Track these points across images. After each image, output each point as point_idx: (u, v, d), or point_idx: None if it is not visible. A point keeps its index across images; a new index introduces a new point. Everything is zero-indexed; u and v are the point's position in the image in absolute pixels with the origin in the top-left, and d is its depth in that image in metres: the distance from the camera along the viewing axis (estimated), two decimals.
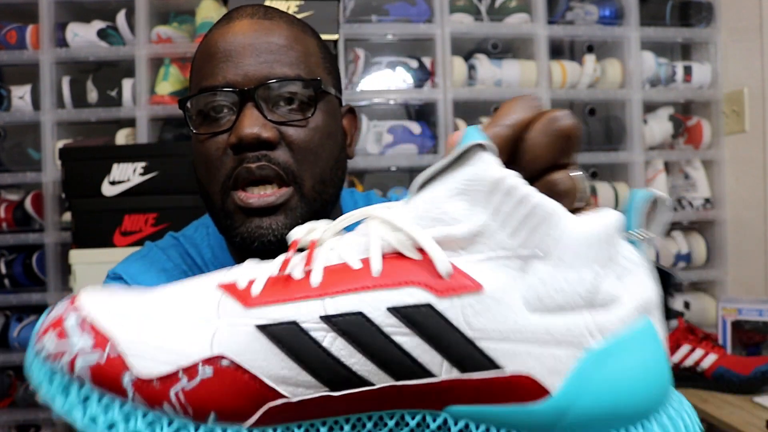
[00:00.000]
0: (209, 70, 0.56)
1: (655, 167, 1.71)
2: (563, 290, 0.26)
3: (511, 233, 0.25)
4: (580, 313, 0.26)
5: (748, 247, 1.64)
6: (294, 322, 0.25)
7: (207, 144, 0.56)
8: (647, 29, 1.67)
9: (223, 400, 0.25)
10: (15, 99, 1.54)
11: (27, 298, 1.50)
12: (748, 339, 1.30)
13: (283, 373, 0.25)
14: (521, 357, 0.25)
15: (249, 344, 0.25)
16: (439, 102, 1.56)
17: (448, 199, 0.26)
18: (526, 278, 0.26)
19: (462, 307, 0.25)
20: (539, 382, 0.25)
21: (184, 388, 0.25)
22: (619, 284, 0.27)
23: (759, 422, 1.02)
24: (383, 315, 0.25)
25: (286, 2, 1.32)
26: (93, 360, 0.25)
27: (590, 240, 0.26)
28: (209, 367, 0.25)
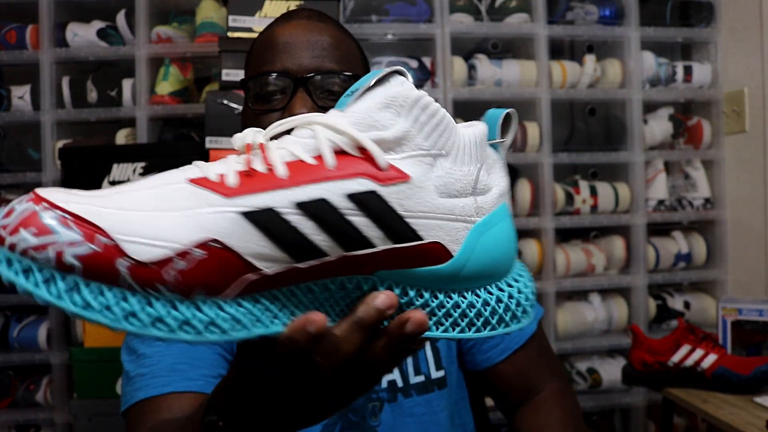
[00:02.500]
0: (270, 58, 0.68)
1: (655, 167, 1.71)
2: (459, 180, 0.35)
3: (425, 137, 0.34)
4: (469, 197, 0.35)
5: (749, 247, 1.64)
6: (271, 208, 0.30)
7: (261, 118, 0.67)
8: (647, 29, 1.66)
9: (210, 277, 0.29)
10: (15, 99, 1.54)
11: (27, 298, 1.49)
12: (748, 339, 1.29)
13: (261, 251, 0.30)
14: (435, 230, 0.34)
15: (234, 228, 0.30)
16: (439, 102, 1.56)
17: (378, 110, 0.33)
18: (435, 171, 0.34)
19: (397, 193, 0.33)
20: (447, 248, 0.34)
21: (178, 269, 0.29)
22: (489, 177, 0.37)
23: (759, 422, 1.02)
24: (342, 200, 0.32)
25: (286, 2, 1.32)
26: (85, 250, 0.27)
27: (474, 143, 0.36)
28: (202, 249, 0.29)
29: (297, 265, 0.31)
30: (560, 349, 1.61)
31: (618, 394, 1.64)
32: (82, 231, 0.28)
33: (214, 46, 1.33)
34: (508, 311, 0.37)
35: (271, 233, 0.30)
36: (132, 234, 0.28)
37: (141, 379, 0.65)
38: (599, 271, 1.67)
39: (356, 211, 0.32)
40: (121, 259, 0.28)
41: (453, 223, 0.34)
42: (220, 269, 0.30)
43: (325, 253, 0.32)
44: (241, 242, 0.30)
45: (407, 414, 0.75)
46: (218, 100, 1.27)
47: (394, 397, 0.75)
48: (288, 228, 0.31)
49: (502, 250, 0.37)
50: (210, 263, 0.29)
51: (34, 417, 1.50)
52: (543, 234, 1.61)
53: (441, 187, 0.34)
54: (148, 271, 0.28)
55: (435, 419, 0.76)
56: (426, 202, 0.33)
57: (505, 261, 0.37)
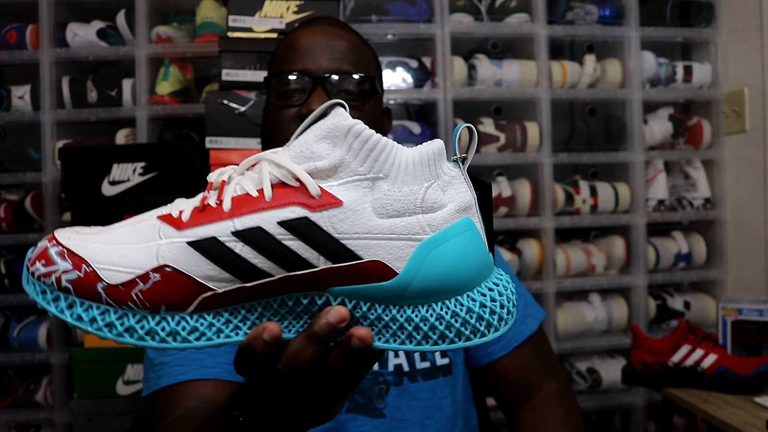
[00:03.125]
0: (292, 58, 0.75)
1: (655, 167, 1.71)
2: (399, 200, 0.36)
3: (360, 163, 0.36)
4: (415, 215, 0.37)
5: (749, 247, 1.64)
6: (213, 237, 0.36)
7: (281, 112, 0.74)
8: (647, 29, 1.66)
9: (170, 296, 0.36)
10: (15, 99, 1.54)
11: (27, 298, 1.50)
12: (748, 339, 1.29)
13: (210, 273, 0.36)
14: (374, 249, 0.36)
15: (183, 255, 0.36)
16: (439, 102, 1.56)
17: (315, 142, 0.37)
18: (373, 194, 0.36)
19: (329, 217, 0.36)
20: (389, 266, 0.36)
21: (141, 290, 0.36)
22: (442, 193, 0.38)
23: (759, 422, 1.02)
24: (275, 227, 0.36)
25: (286, 2, 1.32)
26: (74, 276, 0.36)
27: (416, 163, 0.37)
28: (157, 273, 0.36)
29: (245, 285, 0.36)
30: (560, 349, 1.61)
31: (618, 394, 1.64)
32: (72, 261, 0.36)
33: (214, 46, 1.33)
34: (480, 321, 0.38)
35: (215, 258, 0.36)
36: (106, 263, 0.36)
37: (163, 367, 0.70)
38: (599, 271, 1.67)
39: (289, 235, 0.36)
40: (99, 282, 0.36)
41: (395, 242, 0.36)
42: (177, 289, 0.36)
43: (268, 274, 0.36)
44: (191, 266, 0.36)
45: (412, 398, 0.77)
46: (218, 100, 1.27)
47: (400, 381, 0.77)
48: (229, 253, 0.36)
49: (461, 263, 0.37)
50: (166, 284, 0.36)
51: (34, 417, 1.50)
52: (543, 234, 1.61)
53: (379, 208, 0.36)
54: (119, 291, 0.36)
55: (439, 405, 0.78)
56: (362, 224, 0.36)
57: (465, 273, 0.37)
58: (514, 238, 1.66)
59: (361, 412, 0.75)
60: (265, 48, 1.29)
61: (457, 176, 0.38)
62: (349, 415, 0.75)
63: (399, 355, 0.78)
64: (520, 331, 0.83)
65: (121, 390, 1.29)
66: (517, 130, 1.61)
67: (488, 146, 1.61)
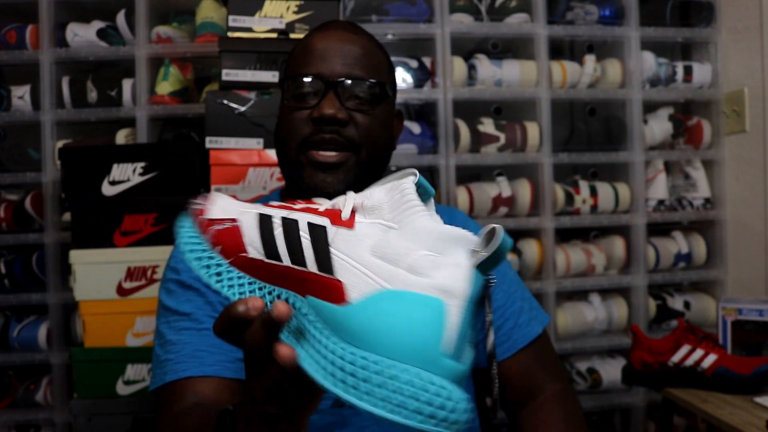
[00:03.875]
0: (306, 62, 0.78)
1: (655, 167, 1.71)
2: (394, 251, 0.40)
3: (390, 212, 0.43)
4: (397, 267, 0.39)
5: (748, 247, 1.64)
6: (270, 215, 0.46)
7: (294, 114, 0.78)
8: (647, 29, 1.66)
9: (226, 242, 0.45)
10: (15, 99, 1.54)
11: (27, 298, 1.50)
12: (748, 339, 1.29)
13: (253, 240, 0.45)
14: (346, 272, 0.40)
15: (251, 221, 0.46)
16: (439, 102, 1.56)
17: (378, 189, 0.45)
18: (383, 236, 0.41)
19: (336, 233, 0.43)
20: (345, 290, 0.40)
21: (216, 228, 0.46)
22: (434, 268, 0.39)
23: (759, 422, 1.02)
24: (304, 225, 0.44)
25: (286, 2, 1.32)
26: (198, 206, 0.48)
27: (429, 233, 0.40)
28: (229, 223, 0.46)
29: (264, 260, 0.44)
30: (560, 349, 1.61)
31: (618, 394, 1.64)
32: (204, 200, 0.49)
33: (214, 46, 1.33)
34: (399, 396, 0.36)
35: (261, 229, 0.45)
36: (216, 205, 0.48)
37: (168, 363, 0.74)
38: (599, 271, 1.67)
39: (307, 235, 0.43)
40: (203, 215, 0.47)
41: (365, 276, 0.40)
42: (231, 240, 0.45)
43: (280, 258, 0.44)
44: (248, 230, 0.45)
45: None
46: (218, 100, 1.27)
47: None
48: (270, 231, 0.45)
49: (403, 330, 0.37)
50: (228, 233, 0.46)
51: (34, 417, 1.51)
52: (543, 234, 1.61)
53: (377, 248, 0.41)
54: (207, 222, 0.47)
55: None
56: (356, 251, 0.41)
57: (403, 342, 0.36)
58: (514, 238, 1.66)
59: None
60: (265, 48, 1.29)
61: (461, 266, 0.39)
62: (352, 410, 0.76)
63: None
64: (525, 333, 0.83)
65: (121, 390, 1.29)
66: (517, 130, 1.61)
67: (488, 146, 1.61)
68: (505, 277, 0.87)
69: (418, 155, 1.56)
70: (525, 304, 0.86)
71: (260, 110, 1.27)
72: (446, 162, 1.56)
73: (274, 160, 1.25)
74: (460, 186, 1.60)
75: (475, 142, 1.60)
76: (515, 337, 0.82)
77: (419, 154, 1.57)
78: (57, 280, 1.50)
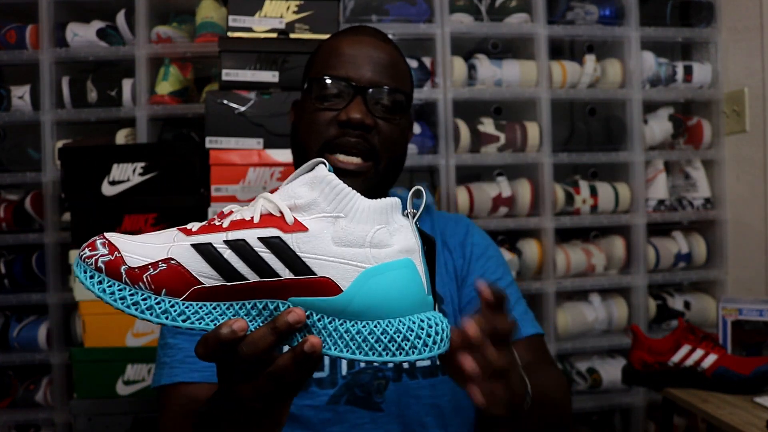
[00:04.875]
0: (335, 64, 0.79)
1: (656, 167, 1.71)
2: (353, 234, 0.46)
3: (327, 204, 0.47)
4: (363, 248, 0.46)
5: (749, 247, 1.64)
6: (210, 243, 0.47)
7: (318, 114, 0.78)
8: (647, 29, 1.66)
9: (170, 283, 0.46)
10: (15, 99, 1.54)
11: (27, 298, 1.50)
12: (748, 339, 1.29)
13: (202, 270, 0.46)
14: (326, 269, 0.46)
15: (186, 253, 0.46)
16: (439, 102, 1.56)
17: (299, 187, 0.48)
18: (334, 227, 0.46)
19: (296, 239, 0.46)
20: (337, 284, 0.45)
21: (150, 274, 0.46)
22: (390, 236, 0.47)
23: (759, 422, 1.02)
24: (255, 241, 0.46)
25: (286, 2, 1.32)
26: (107, 259, 0.46)
27: (371, 210, 0.47)
28: (164, 264, 0.46)
29: (226, 283, 0.46)
30: (560, 349, 1.61)
31: (618, 394, 1.64)
32: (108, 249, 0.47)
33: (214, 46, 1.33)
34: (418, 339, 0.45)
35: (207, 258, 0.46)
36: (131, 252, 0.47)
37: (164, 366, 0.78)
38: (599, 271, 1.67)
39: (264, 249, 0.46)
40: (123, 265, 0.46)
41: (344, 265, 0.46)
42: (176, 278, 0.46)
43: (245, 277, 0.46)
44: (189, 262, 0.46)
45: (411, 395, 0.78)
46: (218, 100, 1.27)
47: (399, 377, 0.79)
48: (219, 256, 0.46)
49: (397, 292, 0.46)
50: (169, 273, 0.46)
51: (34, 417, 1.51)
52: (543, 234, 1.61)
53: (336, 238, 0.46)
54: (135, 273, 0.46)
55: (438, 403, 0.80)
56: (320, 248, 0.46)
57: (400, 301, 0.46)
58: (514, 238, 1.66)
59: (360, 404, 0.78)
60: (265, 48, 1.29)
61: (405, 226, 0.48)
62: (348, 407, 0.77)
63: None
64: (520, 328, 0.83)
65: (121, 390, 1.29)
66: (517, 130, 1.61)
67: (488, 146, 1.61)
68: (501, 280, 0.87)
69: (418, 155, 1.56)
70: (519, 307, 0.87)
71: (260, 110, 1.27)
72: (446, 162, 1.56)
73: (274, 160, 1.25)
74: (460, 186, 1.59)
75: (475, 142, 1.60)
76: None
77: (419, 154, 1.57)
78: (57, 280, 1.50)
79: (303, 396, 0.77)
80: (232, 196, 1.25)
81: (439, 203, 1.56)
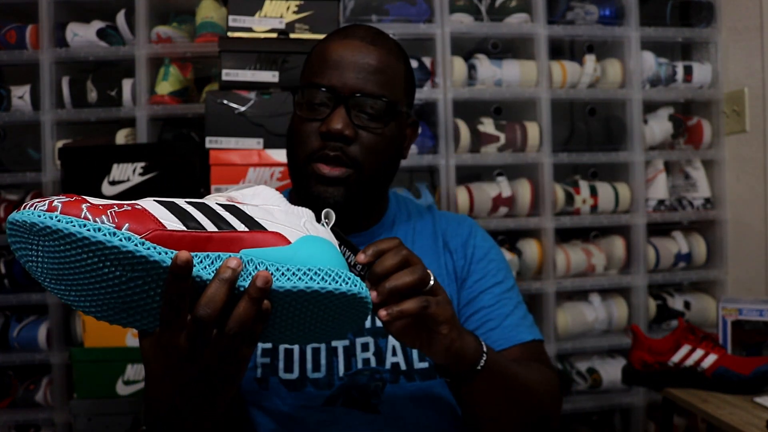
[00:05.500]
0: (320, 71, 0.78)
1: (656, 167, 1.71)
2: (292, 217, 0.56)
3: (269, 199, 0.57)
4: (300, 225, 0.56)
5: (749, 247, 1.64)
6: (173, 201, 0.52)
7: (305, 124, 0.78)
8: (647, 29, 1.66)
9: (133, 220, 0.48)
10: (15, 99, 1.54)
11: (27, 298, 1.50)
12: (748, 339, 1.29)
13: (165, 216, 0.50)
14: (278, 226, 0.54)
15: (151, 204, 0.51)
16: (439, 102, 1.56)
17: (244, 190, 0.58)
18: (279, 210, 0.56)
19: (249, 208, 0.55)
20: (286, 237, 0.54)
21: (115, 210, 0.48)
22: (312, 229, 0.57)
23: (759, 422, 1.02)
24: (215, 205, 0.53)
25: (286, 2, 1.32)
26: (65, 199, 0.47)
27: (298, 216, 0.57)
28: (129, 206, 0.49)
29: (185, 230, 0.50)
30: (560, 349, 1.61)
31: (618, 394, 1.63)
32: (67, 197, 0.47)
33: (214, 46, 1.33)
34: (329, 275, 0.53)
35: (171, 209, 0.51)
36: (93, 199, 0.49)
37: None
38: (599, 271, 1.67)
39: (223, 209, 0.53)
40: (84, 203, 0.47)
41: (290, 228, 0.55)
42: (141, 218, 0.48)
43: (204, 227, 0.51)
44: (154, 210, 0.50)
45: (408, 397, 0.78)
46: (218, 100, 1.27)
47: (396, 379, 0.78)
48: (182, 208, 0.51)
49: (326, 252, 0.55)
50: (134, 213, 0.49)
51: (34, 417, 1.50)
52: (543, 234, 1.61)
53: (282, 215, 0.56)
54: (98, 209, 0.47)
55: (435, 405, 0.79)
56: (270, 216, 0.55)
57: (329, 258, 0.55)
58: (514, 238, 1.66)
59: (357, 406, 0.77)
60: (265, 48, 1.29)
61: (318, 227, 0.59)
62: (344, 408, 0.77)
63: (396, 354, 0.79)
64: (508, 336, 0.82)
65: (121, 390, 1.29)
66: (517, 130, 1.61)
67: (488, 146, 1.61)
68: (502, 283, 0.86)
69: (418, 155, 1.56)
70: (518, 312, 0.85)
71: (260, 110, 1.27)
72: (446, 162, 1.56)
73: (274, 160, 1.25)
74: (460, 186, 1.59)
75: (475, 142, 1.60)
76: (494, 337, 0.81)
77: (419, 154, 1.57)
78: None
79: (299, 396, 0.77)
80: None
81: (439, 203, 1.56)
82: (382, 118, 0.77)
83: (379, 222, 0.87)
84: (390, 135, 0.80)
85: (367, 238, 0.84)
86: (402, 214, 0.91)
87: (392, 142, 0.81)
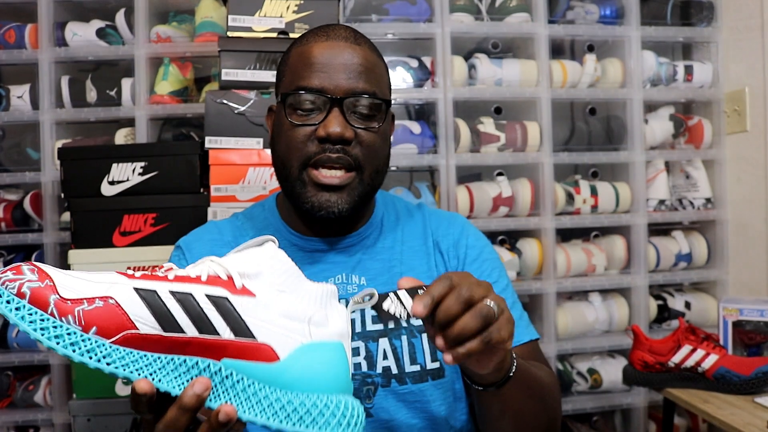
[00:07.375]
0: (307, 75, 0.75)
1: (656, 167, 1.71)
2: (297, 311, 0.49)
3: (275, 278, 0.50)
4: (303, 324, 0.49)
5: (749, 247, 1.64)
6: (155, 290, 0.47)
7: (296, 130, 0.75)
8: (648, 28, 1.66)
9: (102, 322, 0.44)
10: (14, 98, 1.54)
11: None
12: (749, 339, 1.29)
13: (141, 315, 0.45)
14: (269, 334, 0.48)
15: (127, 296, 0.46)
16: (439, 101, 1.56)
17: (250, 257, 0.51)
18: (281, 298, 0.50)
19: (243, 302, 0.48)
20: (274, 351, 0.48)
21: (83, 309, 0.44)
22: (326, 319, 0.51)
23: (760, 423, 1.02)
24: (202, 297, 0.47)
25: (286, 2, 1.32)
26: (35, 285, 0.44)
27: (315, 295, 0.51)
28: (102, 301, 0.45)
29: (162, 334, 0.46)
30: (560, 349, 1.61)
31: (619, 395, 1.63)
32: (39, 275, 0.44)
33: (214, 45, 1.33)
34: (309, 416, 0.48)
35: (150, 304, 0.46)
36: (66, 284, 0.45)
37: None
38: (600, 271, 1.67)
39: (210, 306, 0.47)
40: (54, 294, 0.44)
41: (285, 335, 0.48)
42: (111, 319, 0.44)
43: (183, 331, 0.46)
44: (130, 306, 0.45)
45: (400, 400, 0.78)
46: (218, 99, 1.27)
47: (387, 383, 0.78)
48: (162, 305, 0.46)
49: (324, 372, 0.49)
50: (104, 312, 0.44)
51: (33, 417, 1.50)
52: (543, 234, 1.61)
53: (283, 310, 0.49)
54: (66, 305, 0.44)
55: (427, 408, 0.79)
56: (266, 316, 0.48)
57: (326, 380, 0.49)
58: (515, 238, 1.66)
59: None
60: (265, 48, 1.29)
61: (342, 313, 0.52)
62: None
63: (387, 357, 0.79)
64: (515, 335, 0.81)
65: (121, 390, 1.29)
66: (518, 130, 1.61)
67: (488, 146, 1.60)
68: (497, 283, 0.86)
69: (418, 155, 1.56)
70: (514, 312, 0.84)
71: (260, 110, 1.27)
72: (446, 162, 1.56)
73: None
74: (460, 186, 1.59)
75: (476, 141, 1.60)
76: None
77: (419, 153, 1.57)
78: None
79: None
80: (231, 196, 1.24)
81: (439, 203, 1.56)
82: (377, 117, 0.77)
83: (368, 222, 0.86)
84: (385, 132, 0.79)
85: (356, 240, 0.83)
86: (390, 214, 0.89)
87: (387, 139, 0.81)
